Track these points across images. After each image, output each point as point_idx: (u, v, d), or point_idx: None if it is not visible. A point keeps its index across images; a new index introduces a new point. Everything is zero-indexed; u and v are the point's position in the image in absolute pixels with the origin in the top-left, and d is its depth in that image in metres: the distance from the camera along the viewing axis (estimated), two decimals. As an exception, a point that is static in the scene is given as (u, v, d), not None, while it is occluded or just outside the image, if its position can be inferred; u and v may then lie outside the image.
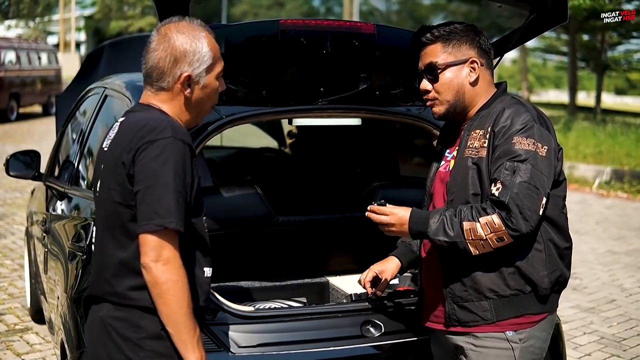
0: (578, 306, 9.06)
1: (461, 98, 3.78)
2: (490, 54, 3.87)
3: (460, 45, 3.77)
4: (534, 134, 3.54)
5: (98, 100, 5.77)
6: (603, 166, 19.00)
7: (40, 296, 6.86)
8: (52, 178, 6.66)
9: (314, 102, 4.75)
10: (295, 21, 4.67)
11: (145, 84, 3.44)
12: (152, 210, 3.08)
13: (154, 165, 3.11)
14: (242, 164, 8.06)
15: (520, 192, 3.44)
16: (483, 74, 3.80)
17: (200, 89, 3.40)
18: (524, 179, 3.46)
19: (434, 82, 3.80)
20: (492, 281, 3.62)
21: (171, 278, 3.08)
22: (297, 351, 4.08)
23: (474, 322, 3.69)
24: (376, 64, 4.82)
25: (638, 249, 12.22)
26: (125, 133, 3.28)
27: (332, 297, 5.38)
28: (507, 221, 3.44)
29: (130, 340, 3.23)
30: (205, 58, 3.36)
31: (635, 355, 7.46)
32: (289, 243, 5.68)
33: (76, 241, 4.78)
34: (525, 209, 3.44)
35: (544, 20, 4.36)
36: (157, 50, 3.34)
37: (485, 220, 3.47)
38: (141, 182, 3.12)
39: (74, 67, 45.31)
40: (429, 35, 3.81)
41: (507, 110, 3.62)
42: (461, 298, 3.69)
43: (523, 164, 3.48)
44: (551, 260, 3.67)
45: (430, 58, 3.80)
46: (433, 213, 3.64)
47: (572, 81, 37.97)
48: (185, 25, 3.38)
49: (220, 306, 4.05)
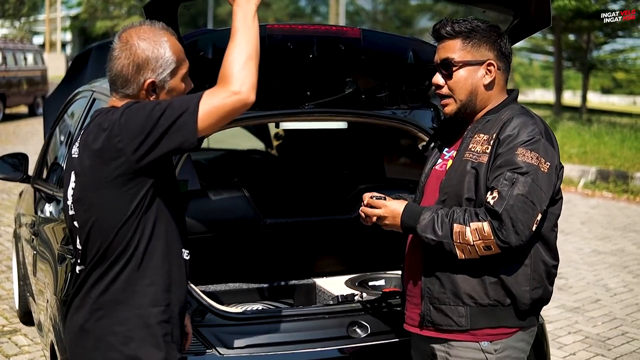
0: (563, 306, 9.11)
1: (473, 99, 3.71)
2: (510, 58, 3.79)
3: (480, 45, 3.68)
4: (539, 148, 3.49)
5: (87, 103, 5.79)
6: (588, 166, 19.05)
7: (28, 298, 6.88)
8: (40, 180, 6.67)
9: (300, 106, 4.77)
10: (282, 26, 4.70)
11: (111, 90, 3.43)
12: (188, 99, 3.13)
13: (146, 110, 3.14)
14: (230, 166, 8.09)
15: (516, 205, 3.40)
16: (498, 78, 3.74)
17: (166, 93, 3.38)
18: (521, 192, 3.41)
19: (447, 79, 3.72)
20: (473, 288, 3.59)
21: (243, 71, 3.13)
22: (285, 352, 4.11)
23: (447, 326, 3.66)
24: (362, 68, 4.85)
25: (623, 249, 12.29)
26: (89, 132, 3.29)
27: (319, 298, 5.42)
28: (498, 232, 3.41)
29: (120, 334, 3.25)
30: (168, 63, 3.34)
31: (619, 355, 7.52)
32: (276, 245, 5.72)
33: (65, 244, 4.80)
34: (518, 222, 3.40)
35: (527, 24, 4.38)
36: (119, 58, 3.32)
37: (476, 226, 3.44)
38: (156, 109, 3.13)
39: (59, 67, 45.31)
40: (449, 29, 3.70)
41: (515, 119, 3.57)
42: (438, 300, 3.66)
43: (523, 176, 3.43)
44: (536, 277, 3.63)
45: (448, 53, 3.71)
46: (426, 209, 3.60)
47: (558, 81, 38.03)
48: (146, 30, 3.37)
49: (208, 308, 4.08)
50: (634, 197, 17.06)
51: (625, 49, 44.31)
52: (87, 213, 3.34)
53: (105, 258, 3.27)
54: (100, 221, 3.28)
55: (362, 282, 5.20)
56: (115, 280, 3.26)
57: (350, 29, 4.88)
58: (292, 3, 68.67)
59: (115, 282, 3.26)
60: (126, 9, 59.37)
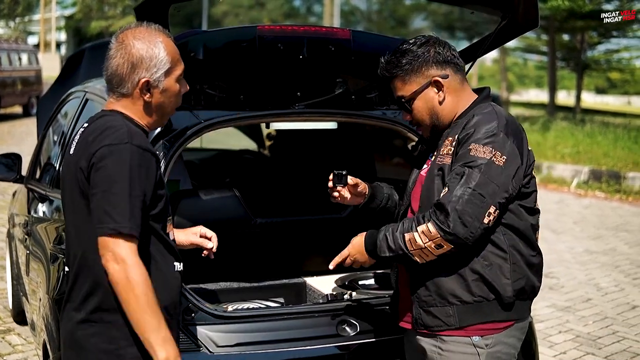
0: (554, 305, 9.15)
1: (437, 116, 3.77)
2: (453, 59, 3.79)
3: (419, 69, 3.72)
4: (494, 142, 3.51)
5: (79, 104, 5.81)
6: (581, 166, 19.09)
7: (22, 297, 6.90)
8: (33, 181, 6.69)
9: (291, 107, 4.80)
10: (273, 27, 4.72)
11: (108, 90, 3.48)
12: (107, 214, 3.11)
13: (110, 170, 3.15)
14: (222, 166, 8.12)
15: (462, 198, 3.44)
16: (451, 87, 3.76)
17: (160, 93, 3.43)
18: (469, 185, 3.45)
19: (409, 113, 3.82)
20: (455, 287, 3.62)
21: (125, 276, 3.08)
22: (275, 350, 4.14)
23: (438, 327, 3.70)
24: (352, 68, 4.87)
25: (615, 249, 12.33)
26: (86, 138, 3.32)
27: (308, 297, 5.44)
28: (443, 225, 3.45)
29: (112, 353, 3.27)
30: (162, 63, 3.38)
31: (609, 354, 7.55)
32: (267, 244, 5.75)
33: (58, 243, 4.82)
34: (465, 214, 3.43)
35: (515, 25, 4.41)
36: (115, 57, 3.38)
37: (422, 229, 3.51)
38: (97, 185, 3.16)
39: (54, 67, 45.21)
40: (387, 74, 3.81)
41: (474, 118, 3.61)
42: (426, 303, 3.71)
43: (473, 169, 3.47)
44: (517, 268, 3.65)
45: (397, 92, 3.81)
46: (380, 230, 3.72)
47: (552, 81, 38.04)
48: (142, 31, 3.41)
49: (198, 306, 4.10)
50: (627, 197, 17.11)
51: (620, 49, 44.33)
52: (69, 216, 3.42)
53: (87, 266, 3.31)
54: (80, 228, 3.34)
55: (352, 281, 5.22)
56: (105, 300, 3.27)
57: (340, 30, 4.91)
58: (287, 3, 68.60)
59: (105, 302, 3.27)
60: (121, 9, 59.28)
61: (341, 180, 4.14)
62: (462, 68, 3.87)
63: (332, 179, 4.16)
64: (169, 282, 3.42)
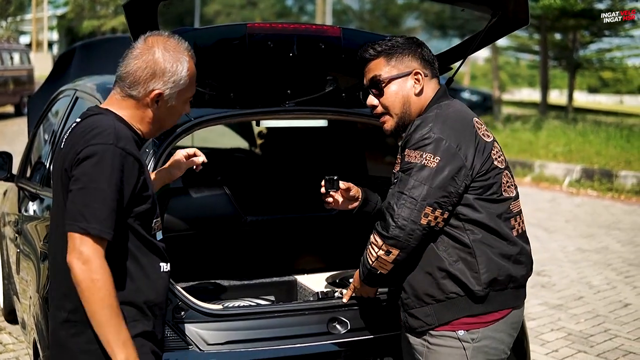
0: (546, 303, 9.16)
1: (408, 110, 3.82)
2: (434, 65, 3.91)
3: (403, 57, 3.81)
4: (426, 146, 3.57)
5: (69, 102, 5.80)
6: (573, 165, 19.11)
7: (13, 296, 6.89)
8: (24, 179, 6.69)
9: (281, 104, 4.80)
10: (263, 25, 4.72)
11: (116, 85, 3.47)
12: (79, 212, 3.11)
13: (90, 170, 3.15)
14: (213, 164, 8.11)
15: (395, 202, 3.57)
16: (427, 85, 3.84)
17: (167, 108, 3.45)
18: (400, 189, 3.57)
19: (379, 97, 3.85)
20: (428, 287, 3.69)
21: (89, 276, 3.08)
22: (265, 348, 4.14)
23: (420, 327, 3.75)
24: (342, 66, 4.87)
25: (607, 247, 12.35)
26: (74, 136, 3.32)
27: (299, 295, 5.44)
28: (383, 231, 3.58)
29: (93, 353, 3.27)
30: (181, 82, 3.41)
31: (602, 352, 7.56)
32: (258, 242, 5.74)
33: (48, 242, 4.82)
34: (399, 218, 3.54)
35: (506, 23, 4.42)
36: (138, 59, 3.37)
37: (370, 241, 3.67)
38: (76, 182, 3.16)
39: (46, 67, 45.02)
40: (372, 51, 3.85)
41: (414, 123, 3.70)
42: (407, 305, 3.78)
43: (405, 174, 3.59)
44: (484, 261, 3.66)
45: (374, 72, 3.84)
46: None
47: (544, 80, 38.03)
48: (172, 44, 3.43)
49: (189, 304, 4.10)
50: (619, 195, 17.14)
51: (612, 48, 44.36)
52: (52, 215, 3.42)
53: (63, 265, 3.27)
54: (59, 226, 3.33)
55: (343, 279, 5.22)
56: None
57: (330, 27, 4.91)
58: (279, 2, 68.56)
59: None
60: (113, 8, 59.22)
61: (333, 185, 4.18)
62: (438, 77, 3.97)
63: (325, 185, 4.20)
64: (153, 282, 3.41)
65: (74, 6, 60.31)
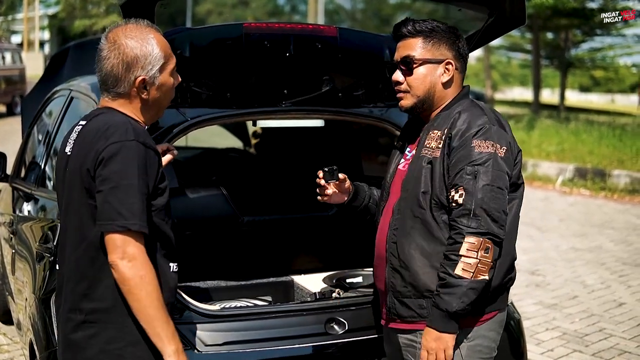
0: (541, 302, 9.16)
1: (431, 96, 3.79)
2: (466, 60, 3.89)
3: (440, 44, 3.77)
4: (492, 136, 3.57)
5: (64, 102, 5.79)
6: (566, 164, 19.16)
7: (7, 297, 6.87)
8: (18, 179, 6.67)
9: (277, 104, 4.79)
10: (259, 24, 4.71)
11: (102, 90, 3.47)
12: (116, 211, 3.11)
13: (118, 167, 3.15)
14: (208, 164, 8.10)
15: (485, 196, 3.47)
16: (455, 77, 3.82)
17: (156, 89, 3.44)
18: (486, 182, 3.49)
19: (407, 75, 3.80)
20: (430, 280, 3.62)
21: (137, 273, 3.11)
22: (263, 349, 4.14)
23: (411, 317, 3.72)
24: (339, 66, 4.87)
25: (600, 246, 12.36)
26: (87, 137, 3.31)
27: (296, 295, 5.44)
28: (479, 229, 3.46)
29: (111, 352, 3.27)
30: (156, 59, 3.40)
31: (597, 351, 7.56)
32: (254, 243, 5.73)
33: (43, 242, 4.81)
34: (493, 211, 3.47)
35: (502, 23, 4.41)
36: (109, 58, 3.37)
37: (465, 249, 3.46)
38: (105, 183, 3.16)
39: (38, 66, 45.01)
40: (411, 28, 3.79)
41: (463, 113, 3.65)
42: (400, 293, 3.73)
43: (483, 166, 3.51)
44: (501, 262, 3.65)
45: (408, 51, 3.79)
46: (437, 300, 3.53)
47: (536, 79, 38.14)
48: (132, 29, 3.42)
49: (186, 305, 4.10)
50: (612, 194, 17.17)
51: (604, 47, 44.49)
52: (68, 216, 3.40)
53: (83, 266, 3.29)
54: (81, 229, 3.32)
55: (340, 279, 5.21)
56: (103, 301, 3.27)
57: (326, 27, 4.90)
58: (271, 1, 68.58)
59: (103, 303, 3.27)
60: (104, 7, 59.15)
61: (333, 175, 4.15)
62: (465, 71, 3.94)
63: (323, 176, 4.15)
64: (166, 282, 3.42)
65: (65, 5, 60.21)
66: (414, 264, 3.67)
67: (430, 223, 3.64)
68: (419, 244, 3.66)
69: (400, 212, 3.75)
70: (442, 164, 3.62)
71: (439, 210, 3.63)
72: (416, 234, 3.67)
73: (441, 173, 3.62)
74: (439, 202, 3.62)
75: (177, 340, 3.22)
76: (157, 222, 3.35)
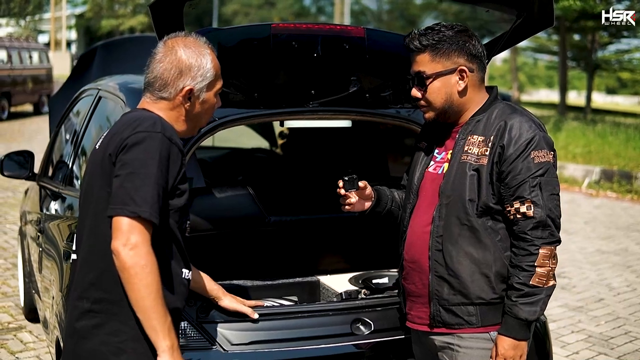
0: (566, 305, 9.13)
1: (451, 105, 3.77)
2: (482, 57, 3.82)
3: (450, 53, 3.72)
4: (543, 144, 3.62)
5: (92, 101, 5.81)
6: (592, 166, 19.07)
7: (34, 295, 6.91)
8: (46, 178, 6.70)
9: (305, 105, 4.78)
10: (287, 25, 4.72)
11: (146, 91, 3.51)
12: (129, 196, 3.11)
13: (139, 155, 3.16)
14: (234, 164, 8.12)
15: (552, 205, 3.57)
16: (473, 81, 3.78)
17: (200, 104, 3.49)
18: (550, 192, 3.59)
19: (422, 91, 3.79)
20: (480, 287, 3.65)
21: (138, 262, 3.07)
22: (288, 349, 4.12)
23: (458, 325, 3.72)
24: (366, 67, 4.86)
25: (626, 249, 12.31)
26: (116, 129, 3.34)
27: (322, 295, 5.43)
28: (552, 238, 3.59)
29: (112, 345, 3.25)
30: (208, 74, 3.46)
31: (622, 354, 7.54)
32: (281, 243, 5.74)
33: (71, 241, 4.82)
34: (557, 219, 3.61)
35: (531, 24, 4.40)
36: (162, 62, 3.42)
37: (541, 260, 3.56)
38: (124, 167, 3.16)
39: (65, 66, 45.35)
40: (417, 44, 3.76)
41: (509, 122, 3.64)
42: (448, 301, 3.72)
43: (544, 177, 3.58)
44: None
45: (419, 67, 3.77)
46: (514, 310, 3.60)
47: (563, 81, 38.01)
48: (191, 41, 3.48)
49: (213, 304, 4.11)
50: (638, 197, 17.09)
51: (630, 49, 44.30)
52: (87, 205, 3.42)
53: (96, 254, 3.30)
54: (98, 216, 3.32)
55: (366, 280, 5.21)
56: (112, 291, 3.26)
57: (354, 28, 4.90)
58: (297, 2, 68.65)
59: (112, 293, 3.25)
60: (131, 7, 59.43)
61: (353, 185, 4.13)
62: (485, 68, 3.90)
63: (343, 186, 4.14)
64: (175, 288, 3.40)
65: (92, 5, 60.59)
66: (463, 271, 3.68)
67: (478, 230, 3.65)
68: (468, 252, 3.67)
69: (442, 219, 3.73)
70: (491, 172, 3.63)
71: (484, 216, 3.66)
72: (464, 242, 3.68)
73: (488, 181, 3.64)
74: (486, 209, 3.65)
75: (172, 337, 3.17)
76: (172, 223, 3.35)
